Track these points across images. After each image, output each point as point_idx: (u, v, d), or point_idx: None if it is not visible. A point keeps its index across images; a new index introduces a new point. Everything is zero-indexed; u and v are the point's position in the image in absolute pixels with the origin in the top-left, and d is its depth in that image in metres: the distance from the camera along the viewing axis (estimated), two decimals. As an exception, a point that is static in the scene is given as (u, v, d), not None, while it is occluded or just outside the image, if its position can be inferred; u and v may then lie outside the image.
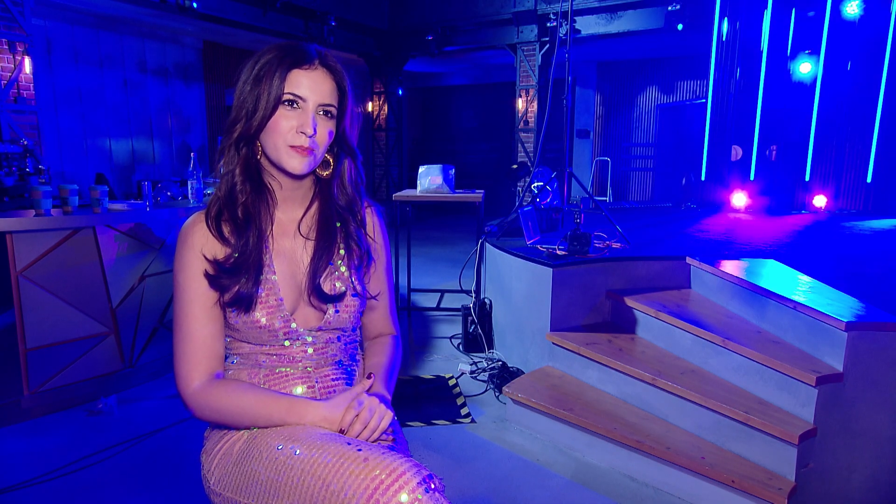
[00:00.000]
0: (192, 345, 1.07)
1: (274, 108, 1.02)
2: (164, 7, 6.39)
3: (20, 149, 4.93)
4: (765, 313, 2.54)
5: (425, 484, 0.90)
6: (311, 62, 1.04)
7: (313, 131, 1.03)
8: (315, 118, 1.04)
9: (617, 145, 10.52)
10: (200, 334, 1.07)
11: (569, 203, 4.28)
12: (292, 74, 1.03)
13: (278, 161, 1.06)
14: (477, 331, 3.60)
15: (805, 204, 6.21)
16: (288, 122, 1.03)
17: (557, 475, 2.33)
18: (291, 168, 1.05)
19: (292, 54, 1.03)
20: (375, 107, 10.59)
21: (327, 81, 1.06)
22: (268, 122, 1.03)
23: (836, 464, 2.14)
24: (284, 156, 1.04)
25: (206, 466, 1.11)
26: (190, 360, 1.07)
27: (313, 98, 1.04)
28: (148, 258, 3.11)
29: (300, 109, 1.04)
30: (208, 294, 1.07)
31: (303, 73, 1.03)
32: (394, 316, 1.32)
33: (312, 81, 1.04)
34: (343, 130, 1.10)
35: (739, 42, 6.21)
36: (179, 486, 2.22)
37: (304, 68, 1.04)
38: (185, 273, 1.07)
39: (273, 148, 1.05)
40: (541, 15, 8.26)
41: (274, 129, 1.03)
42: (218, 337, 1.10)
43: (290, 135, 1.03)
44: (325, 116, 1.06)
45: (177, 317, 1.08)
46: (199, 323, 1.07)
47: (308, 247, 1.15)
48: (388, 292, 1.30)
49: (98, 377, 2.94)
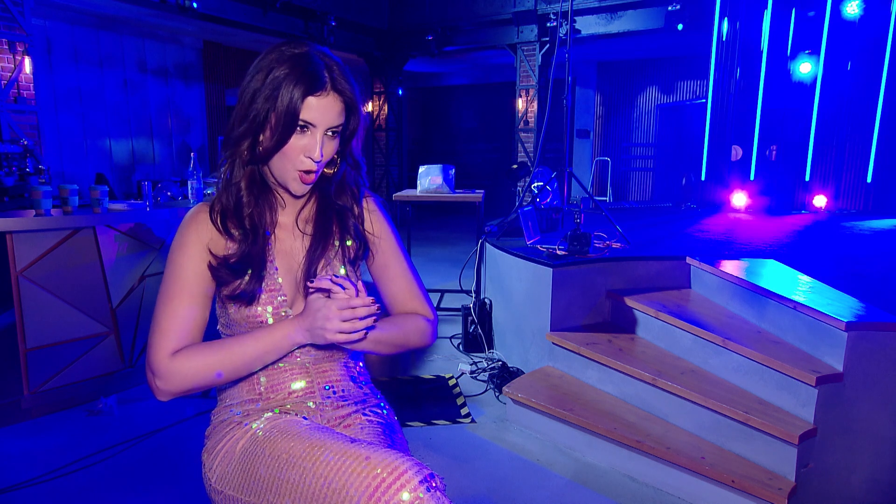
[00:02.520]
0: (174, 321, 1.04)
1: (288, 138, 1.02)
2: (164, 7, 6.39)
3: (20, 149, 4.93)
4: (765, 313, 2.54)
5: (427, 483, 0.90)
6: (324, 88, 1.02)
7: (320, 156, 1.04)
8: (323, 140, 1.05)
9: (617, 145, 10.52)
10: (185, 313, 1.05)
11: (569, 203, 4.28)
12: (307, 101, 1.01)
13: (283, 182, 1.07)
14: (477, 331, 3.60)
15: (805, 204, 6.21)
16: (296, 144, 1.03)
17: (557, 475, 2.33)
18: (294, 191, 1.08)
19: (305, 81, 1.00)
20: (375, 107, 10.59)
21: (337, 105, 1.04)
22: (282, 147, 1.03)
23: (836, 464, 2.14)
24: (290, 180, 1.06)
25: (208, 465, 1.12)
26: (167, 333, 1.03)
27: (323, 123, 1.03)
28: (148, 258, 3.11)
29: (309, 133, 1.03)
30: (201, 280, 1.07)
31: (316, 100, 1.02)
32: (425, 296, 1.23)
33: (323, 107, 1.03)
34: (348, 142, 1.11)
35: (739, 42, 6.21)
36: (179, 486, 2.22)
37: (318, 95, 1.02)
38: (183, 252, 1.07)
39: (279, 170, 1.06)
40: (541, 15, 8.26)
41: (283, 153, 1.03)
42: (200, 322, 1.08)
43: (298, 160, 1.04)
44: (331, 137, 1.07)
45: (163, 293, 1.06)
46: (186, 303, 1.05)
47: (305, 242, 1.15)
48: (409, 284, 1.22)
49: (98, 377, 2.94)
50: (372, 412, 1.21)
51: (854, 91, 5.89)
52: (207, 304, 1.09)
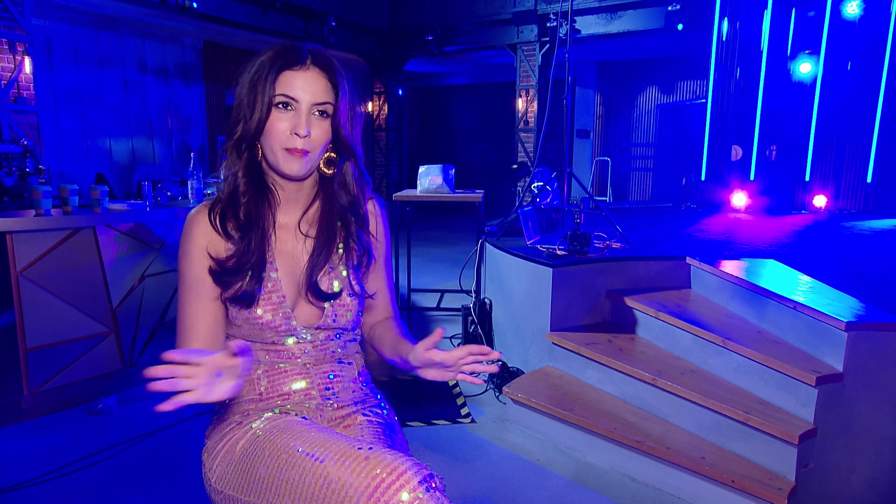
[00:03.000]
0: (193, 330, 1.09)
1: (268, 111, 1.03)
2: (164, 7, 6.39)
3: (20, 149, 4.93)
4: (765, 313, 2.54)
5: (426, 483, 0.90)
6: (302, 62, 1.04)
7: (307, 132, 1.03)
8: (309, 119, 1.04)
9: (617, 145, 10.52)
10: (203, 317, 1.09)
11: (569, 203, 4.28)
12: (284, 76, 1.03)
13: (275, 164, 1.07)
14: (477, 331, 3.60)
15: (805, 204, 6.21)
16: (282, 124, 1.03)
17: (557, 475, 2.33)
18: (288, 171, 1.06)
19: (284, 55, 1.03)
20: (375, 107, 10.59)
21: (320, 80, 1.05)
22: (264, 125, 1.04)
23: (836, 464, 2.14)
24: (280, 159, 1.05)
25: (208, 465, 1.12)
26: (192, 342, 1.08)
27: (306, 98, 1.04)
28: (148, 258, 3.11)
29: (293, 111, 1.04)
30: (208, 282, 1.09)
31: (295, 74, 1.03)
32: (394, 304, 1.32)
33: (304, 82, 1.04)
34: (340, 128, 1.09)
35: (739, 42, 6.21)
36: (179, 486, 2.22)
37: (296, 69, 1.03)
38: (187, 259, 1.09)
39: (270, 152, 1.06)
40: (541, 15, 8.26)
41: (270, 132, 1.04)
42: (220, 325, 1.11)
43: (285, 137, 1.04)
44: (320, 116, 1.06)
45: (180, 299, 1.11)
46: (201, 307, 1.09)
47: (308, 244, 1.15)
48: (387, 288, 1.30)
49: (98, 377, 2.94)
50: (372, 412, 1.21)
51: (854, 91, 5.89)
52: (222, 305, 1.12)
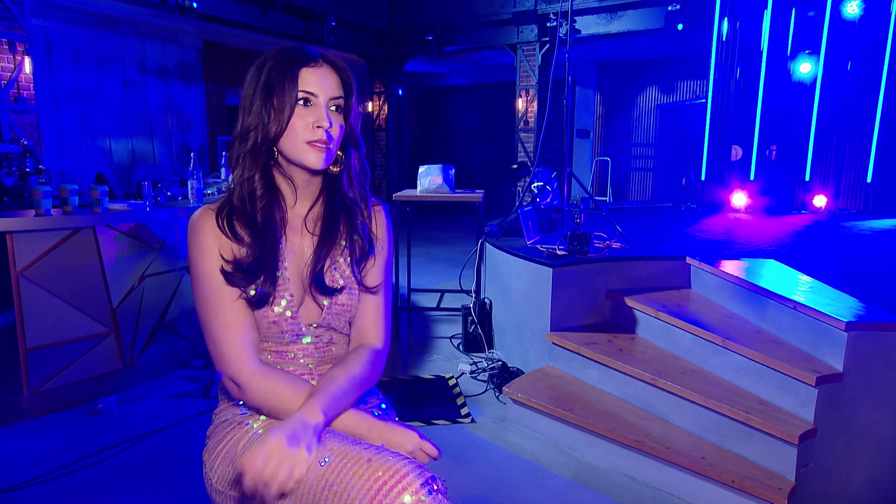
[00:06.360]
0: (231, 329, 1.07)
1: (292, 111, 1.05)
2: (164, 7, 6.39)
3: (20, 149, 4.93)
4: (765, 313, 2.54)
5: (428, 485, 0.90)
6: (316, 59, 1.08)
7: (329, 124, 1.06)
8: (328, 112, 1.08)
9: (617, 145, 10.52)
10: (237, 318, 1.08)
11: (569, 203, 4.28)
12: (302, 73, 1.06)
13: (297, 159, 1.07)
14: (477, 331, 3.60)
15: (805, 204, 6.21)
16: (303, 119, 1.06)
17: (557, 475, 2.33)
18: (311, 163, 1.07)
19: (297, 55, 1.07)
20: (375, 107, 10.59)
21: (333, 76, 1.09)
22: (287, 125, 1.05)
23: (836, 464, 2.14)
24: (303, 153, 1.07)
25: (209, 465, 1.12)
26: (235, 343, 1.07)
27: (324, 93, 1.07)
28: (148, 258, 3.11)
29: (313, 106, 1.07)
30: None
31: (312, 71, 1.07)
32: (385, 324, 1.21)
33: (321, 78, 1.07)
34: (350, 124, 1.14)
35: (739, 42, 6.21)
36: (179, 486, 2.22)
37: (312, 66, 1.07)
38: (204, 262, 1.07)
39: (292, 147, 1.07)
40: (541, 15, 8.26)
41: (292, 129, 1.06)
42: (251, 319, 1.10)
43: (308, 131, 1.06)
44: (335, 112, 1.10)
45: (206, 306, 1.08)
46: (230, 308, 1.08)
47: (313, 240, 1.16)
48: (383, 296, 1.21)
49: (98, 377, 2.94)
50: (371, 412, 1.21)
51: (854, 91, 5.89)
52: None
